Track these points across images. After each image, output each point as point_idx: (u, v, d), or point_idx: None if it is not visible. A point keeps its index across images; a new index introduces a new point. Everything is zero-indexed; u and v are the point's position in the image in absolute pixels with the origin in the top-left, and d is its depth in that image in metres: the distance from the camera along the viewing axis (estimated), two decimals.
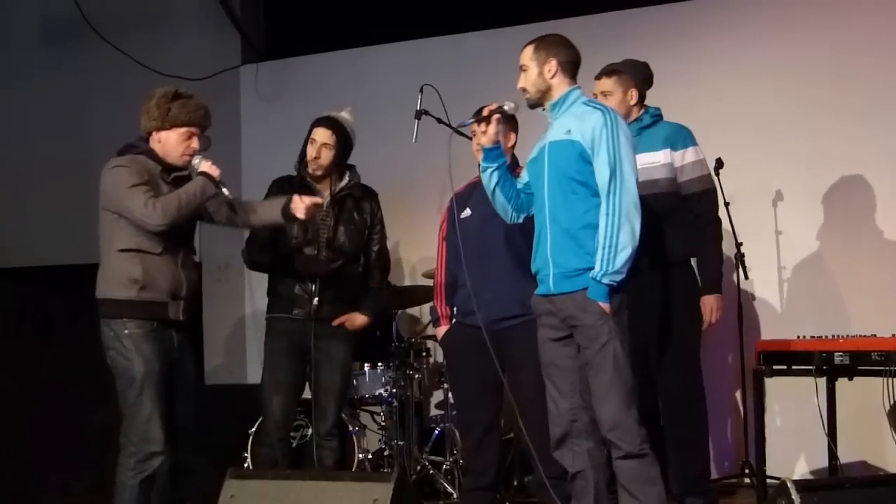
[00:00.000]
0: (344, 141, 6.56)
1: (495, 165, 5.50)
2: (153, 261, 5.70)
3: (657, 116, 6.44)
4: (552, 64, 5.35)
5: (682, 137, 6.36)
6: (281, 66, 9.83)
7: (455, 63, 8.83)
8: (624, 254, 5.07)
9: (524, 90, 5.41)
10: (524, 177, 5.56)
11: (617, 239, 5.07)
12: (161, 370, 5.72)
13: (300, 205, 5.92)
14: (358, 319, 6.59)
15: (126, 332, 5.67)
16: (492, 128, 5.43)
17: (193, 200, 5.68)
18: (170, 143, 5.82)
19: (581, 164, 5.21)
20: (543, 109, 5.43)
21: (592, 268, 5.13)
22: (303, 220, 6.04)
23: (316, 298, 6.39)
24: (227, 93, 9.78)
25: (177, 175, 5.85)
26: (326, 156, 6.48)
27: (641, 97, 6.45)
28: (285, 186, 6.50)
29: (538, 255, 5.37)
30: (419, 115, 6.75)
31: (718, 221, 6.44)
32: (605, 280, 5.07)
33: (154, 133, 5.82)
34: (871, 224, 7.69)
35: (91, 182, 9.36)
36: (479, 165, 6.23)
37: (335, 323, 6.50)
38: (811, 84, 7.82)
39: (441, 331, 6.46)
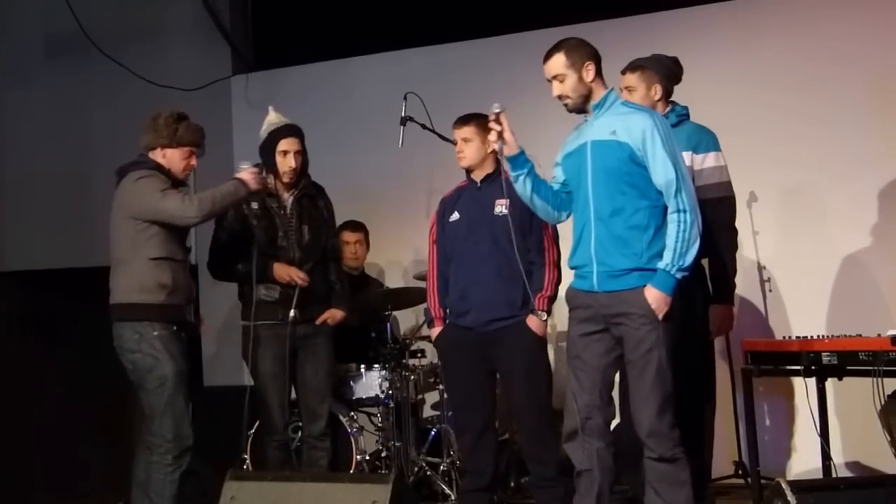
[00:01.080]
0: (304, 143, 6.40)
1: (525, 171, 5.20)
2: (177, 267, 5.88)
3: (683, 116, 6.07)
4: (590, 67, 5.10)
5: (705, 141, 5.94)
6: (270, 76, 9.63)
7: (436, 72, 8.63)
8: (694, 248, 4.90)
9: (565, 97, 5.13)
10: (558, 175, 5.28)
11: (690, 234, 4.89)
12: (188, 369, 5.91)
13: (248, 177, 5.98)
14: (338, 314, 6.43)
15: (155, 333, 5.76)
16: (507, 135, 5.13)
17: (226, 198, 5.91)
18: (174, 159, 6.00)
19: (631, 166, 4.97)
20: (586, 114, 5.17)
21: (640, 268, 4.94)
22: (257, 189, 6.04)
23: (293, 310, 6.19)
24: (219, 102, 9.61)
25: (180, 189, 6.03)
26: (298, 161, 6.32)
27: (667, 93, 6.07)
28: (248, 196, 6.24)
29: (580, 251, 5.09)
30: (404, 121, 6.84)
31: (734, 230, 5.99)
32: (677, 273, 4.88)
33: (160, 149, 5.99)
34: (842, 225, 7.46)
35: (91, 188, 9.53)
36: (466, 172, 6.15)
37: (318, 321, 6.33)
38: (783, 90, 7.59)
39: (435, 332, 6.19)
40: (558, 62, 5.11)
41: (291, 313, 6.16)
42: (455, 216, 6.11)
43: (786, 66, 7.62)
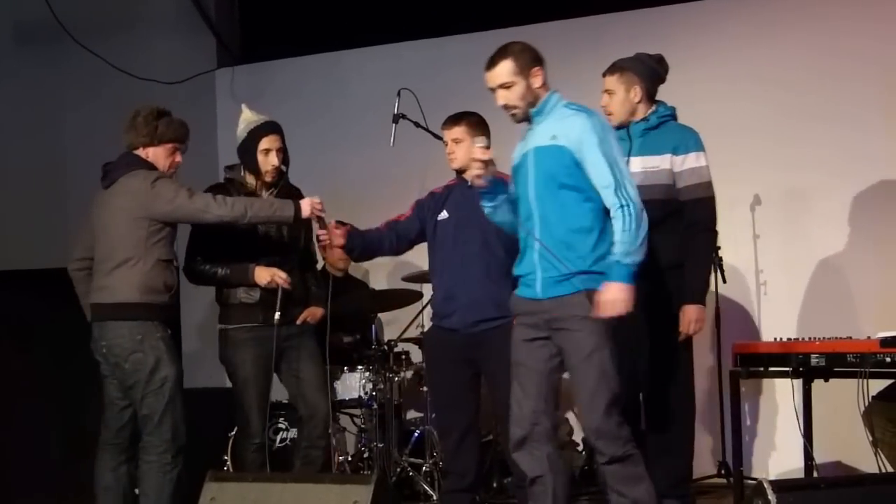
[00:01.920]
0: (284, 140, 6.61)
1: (497, 202, 5.52)
2: (175, 269, 6.20)
3: (666, 117, 6.34)
4: (538, 72, 5.35)
5: (685, 141, 6.24)
6: (257, 70, 9.89)
7: (433, 67, 8.89)
8: (642, 238, 5.15)
9: (511, 107, 5.35)
10: (512, 189, 5.54)
11: (636, 224, 5.13)
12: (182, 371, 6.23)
13: (306, 205, 6.21)
14: (318, 312, 6.66)
15: (159, 335, 6.08)
16: (477, 175, 5.40)
17: (264, 211, 6.19)
18: (158, 158, 6.22)
19: (572, 169, 5.23)
20: (529, 122, 5.42)
21: (584, 271, 5.20)
22: (306, 219, 6.31)
23: (278, 312, 6.40)
24: (203, 96, 9.87)
25: None
26: (280, 160, 6.53)
27: (649, 94, 6.35)
28: (224, 195, 6.40)
29: (525, 260, 5.39)
30: (397, 118, 6.97)
31: (712, 232, 6.36)
32: (628, 260, 5.12)
33: (142, 149, 6.20)
34: (847, 228, 7.82)
35: (65, 186, 9.70)
36: (456, 171, 6.38)
37: (299, 320, 6.56)
38: (788, 88, 7.94)
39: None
40: (505, 70, 5.30)
41: (276, 315, 6.35)
42: (444, 215, 6.36)
43: (791, 63, 7.97)
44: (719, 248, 7.13)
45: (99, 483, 6.25)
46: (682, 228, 6.22)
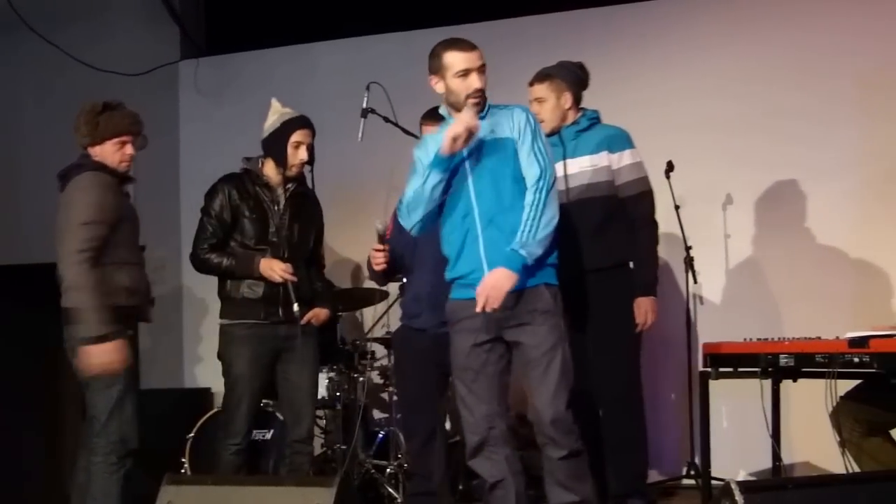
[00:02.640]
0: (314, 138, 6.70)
1: (446, 176, 5.47)
2: (136, 271, 6.18)
3: (594, 119, 6.60)
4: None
5: (619, 140, 6.51)
6: (221, 62, 9.96)
7: (403, 61, 8.78)
8: (548, 229, 5.28)
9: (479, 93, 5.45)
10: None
11: (542, 212, 5.26)
12: (136, 371, 6.32)
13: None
14: (322, 314, 6.76)
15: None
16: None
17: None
18: (106, 155, 6.19)
19: (515, 161, 5.40)
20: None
21: (539, 262, 5.34)
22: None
23: (295, 305, 6.50)
24: (166, 89, 9.92)
25: (124, 186, 6.33)
26: (309, 155, 6.63)
27: (576, 100, 6.60)
28: (240, 187, 6.62)
29: (465, 258, 5.46)
30: (365, 113, 7.04)
31: (655, 224, 6.63)
32: (524, 252, 5.25)
33: (89, 148, 6.20)
34: (819, 228, 7.96)
35: (21, 181, 9.62)
36: None
37: (303, 321, 6.60)
38: (761, 86, 8.06)
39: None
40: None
41: (295, 307, 6.46)
42: None
43: (764, 61, 8.11)
44: (690, 247, 7.28)
45: (74, 481, 6.31)
46: (626, 223, 6.48)
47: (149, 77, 9.67)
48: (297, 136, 6.58)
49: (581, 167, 6.45)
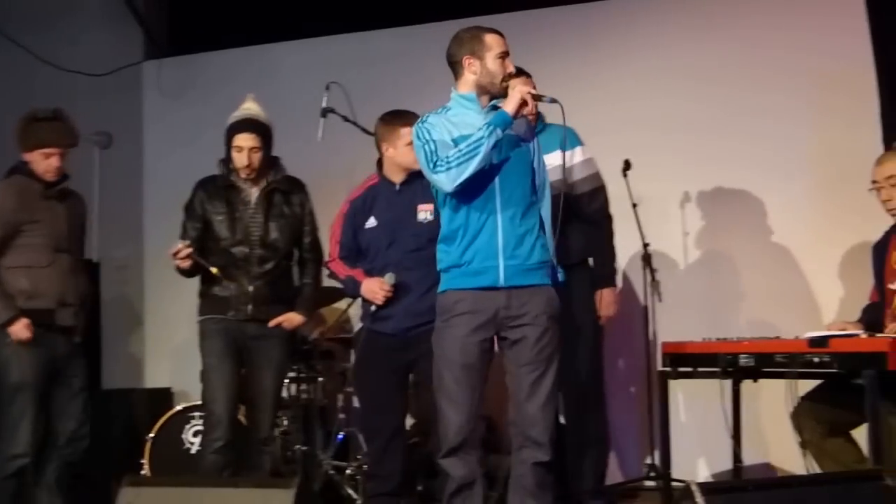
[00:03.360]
0: (268, 138, 6.53)
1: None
2: (43, 274, 6.23)
3: (541, 120, 6.53)
4: None
5: (569, 138, 6.32)
6: (185, 63, 9.86)
7: (362, 61, 8.88)
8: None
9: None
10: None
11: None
12: (40, 376, 6.23)
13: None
14: (295, 319, 6.58)
15: (8, 340, 6.15)
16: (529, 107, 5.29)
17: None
18: (35, 162, 6.34)
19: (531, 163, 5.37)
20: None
21: (550, 262, 5.32)
22: None
23: (250, 305, 6.37)
24: (129, 89, 9.80)
25: (60, 188, 6.44)
26: (256, 159, 6.41)
27: None
28: (210, 189, 6.48)
29: (480, 244, 5.26)
30: (325, 112, 6.98)
31: (610, 218, 6.67)
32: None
33: (23, 154, 6.36)
34: (776, 226, 7.85)
35: None
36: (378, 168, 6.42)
37: (272, 324, 6.46)
38: (717, 83, 7.96)
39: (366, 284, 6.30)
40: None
41: (249, 305, 6.38)
42: (372, 222, 6.29)
43: (719, 59, 8.00)
44: (648, 245, 7.18)
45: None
46: (582, 221, 6.50)
47: (112, 78, 9.54)
48: (237, 141, 6.42)
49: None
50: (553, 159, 6.25)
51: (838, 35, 7.67)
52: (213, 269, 6.33)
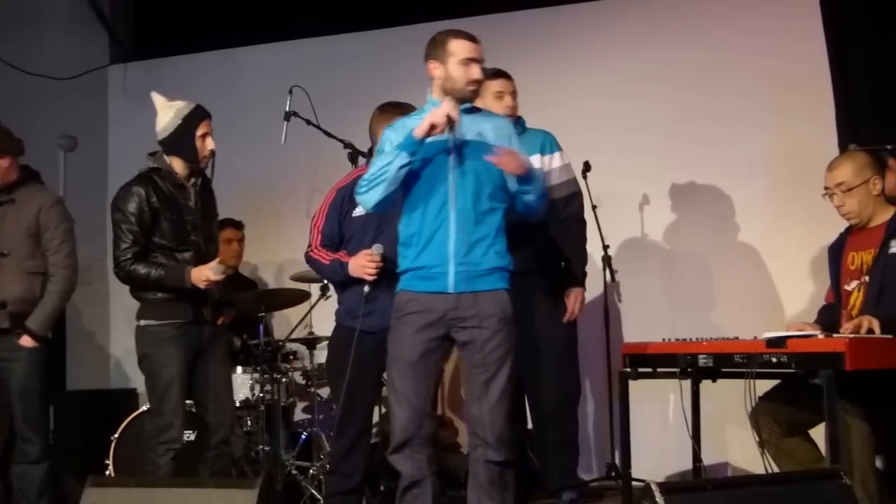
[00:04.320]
0: None
1: (414, 160, 5.26)
2: None
3: (522, 123, 6.54)
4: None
5: (548, 143, 6.52)
6: (150, 67, 9.80)
7: (326, 64, 8.89)
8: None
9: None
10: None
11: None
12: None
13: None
14: (232, 312, 6.54)
15: None
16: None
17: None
18: None
19: (501, 173, 5.26)
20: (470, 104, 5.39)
21: (505, 268, 5.28)
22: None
23: (208, 307, 6.19)
24: (95, 93, 9.76)
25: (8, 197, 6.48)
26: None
27: None
28: (154, 185, 6.14)
29: (432, 250, 5.26)
30: (288, 116, 6.96)
31: (584, 223, 6.66)
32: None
33: None
34: (735, 228, 7.87)
35: None
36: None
37: (219, 322, 6.32)
38: (679, 86, 7.98)
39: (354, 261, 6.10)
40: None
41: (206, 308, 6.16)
42: (359, 210, 6.06)
43: (678, 62, 8.03)
44: (608, 246, 7.15)
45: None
46: (558, 224, 6.52)
47: (78, 81, 9.51)
48: (202, 128, 6.19)
49: None
50: (535, 163, 6.25)
51: (794, 38, 7.71)
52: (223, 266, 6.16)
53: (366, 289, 5.94)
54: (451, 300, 5.21)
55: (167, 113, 6.23)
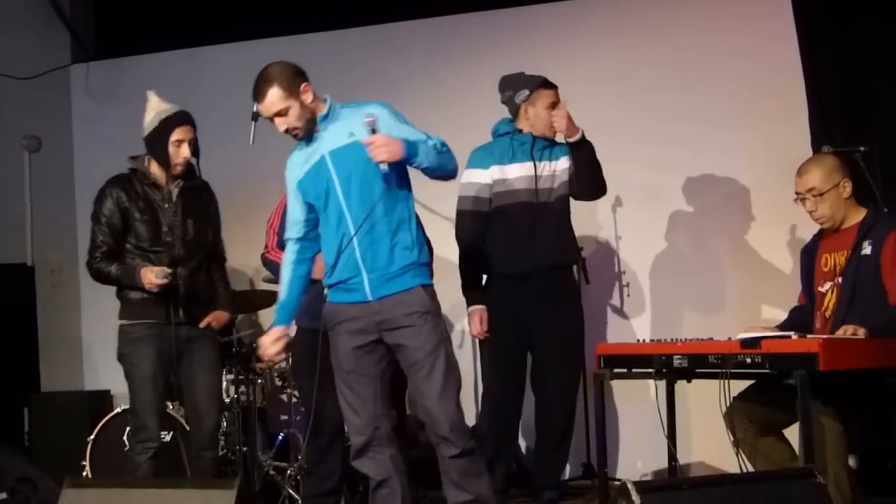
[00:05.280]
0: (196, 131, 6.46)
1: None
2: None
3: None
4: (306, 88, 5.48)
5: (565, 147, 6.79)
6: (113, 66, 9.82)
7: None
8: (443, 162, 5.38)
9: (295, 129, 5.45)
10: (298, 212, 5.54)
11: (448, 152, 5.38)
12: None
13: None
14: (223, 317, 6.57)
15: None
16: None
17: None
18: None
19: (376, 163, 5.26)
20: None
21: (415, 262, 5.36)
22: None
23: (181, 308, 6.27)
24: (57, 92, 9.76)
25: None
26: (191, 152, 6.37)
27: None
28: (127, 186, 6.32)
29: (343, 264, 5.38)
30: (256, 116, 6.79)
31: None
32: (422, 148, 5.28)
33: None
34: (709, 230, 7.99)
35: None
36: None
37: (203, 324, 6.40)
38: (649, 89, 8.06)
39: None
40: (274, 98, 5.43)
41: (178, 308, 6.23)
42: None
43: (649, 63, 8.11)
44: (582, 248, 7.25)
45: None
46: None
47: (40, 81, 9.53)
48: (176, 135, 6.31)
49: (563, 167, 6.78)
50: (527, 169, 6.68)
51: (767, 40, 7.81)
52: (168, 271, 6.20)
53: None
54: (373, 307, 5.35)
55: (150, 112, 6.38)
